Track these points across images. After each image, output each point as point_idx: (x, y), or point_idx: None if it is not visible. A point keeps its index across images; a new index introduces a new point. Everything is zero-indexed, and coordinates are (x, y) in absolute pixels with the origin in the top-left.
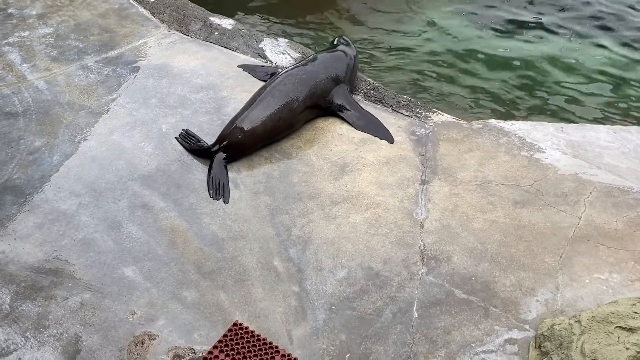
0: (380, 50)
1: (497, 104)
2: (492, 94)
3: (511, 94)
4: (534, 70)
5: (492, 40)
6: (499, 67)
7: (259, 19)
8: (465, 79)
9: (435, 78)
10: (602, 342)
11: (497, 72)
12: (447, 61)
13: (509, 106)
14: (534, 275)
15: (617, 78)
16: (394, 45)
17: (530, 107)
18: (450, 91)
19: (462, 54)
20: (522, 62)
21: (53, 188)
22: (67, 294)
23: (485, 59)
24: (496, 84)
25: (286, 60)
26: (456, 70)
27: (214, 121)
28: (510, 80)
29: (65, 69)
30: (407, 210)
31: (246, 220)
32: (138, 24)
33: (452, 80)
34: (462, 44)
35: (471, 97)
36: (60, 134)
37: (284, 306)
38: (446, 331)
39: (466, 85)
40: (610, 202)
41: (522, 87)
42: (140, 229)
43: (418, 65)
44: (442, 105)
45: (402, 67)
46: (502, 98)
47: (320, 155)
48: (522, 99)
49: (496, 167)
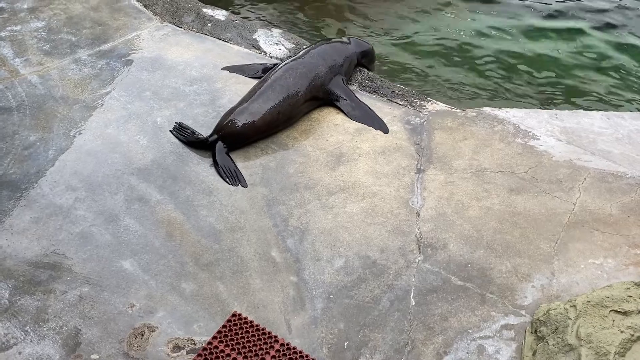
0: (374, 39)
1: (491, 92)
2: (486, 82)
3: (505, 83)
4: (528, 59)
5: (486, 30)
6: (493, 56)
7: (253, 9)
8: (459, 69)
9: (429, 67)
10: (597, 326)
11: (491, 62)
12: (441, 51)
13: (503, 94)
14: (530, 261)
15: (610, 66)
16: (388, 34)
17: (524, 95)
18: (445, 80)
19: (456, 44)
20: (517, 53)
21: (49, 182)
22: (65, 287)
23: (479, 48)
24: (490, 73)
25: (280, 50)
26: (450, 59)
27: (209, 113)
28: (504, 69)
29: (58, 63)
30: (403, 199)
31: (243, 212)
32: (131, 17)
33: (446, 70)
34: (456, 35)
35: (465, 86)
36: (55, 129)
37: (282, 296)
38: (443, 318)
39: (460, 74)
40: (605, 188)
41: (516, 76)
42: (137, 222)
43: (413, 54)
44: (437, 94)
45: (397, 55)
46: (496, 86)
47: (316, 145)
48: (516, 87)
49: (491, 155)
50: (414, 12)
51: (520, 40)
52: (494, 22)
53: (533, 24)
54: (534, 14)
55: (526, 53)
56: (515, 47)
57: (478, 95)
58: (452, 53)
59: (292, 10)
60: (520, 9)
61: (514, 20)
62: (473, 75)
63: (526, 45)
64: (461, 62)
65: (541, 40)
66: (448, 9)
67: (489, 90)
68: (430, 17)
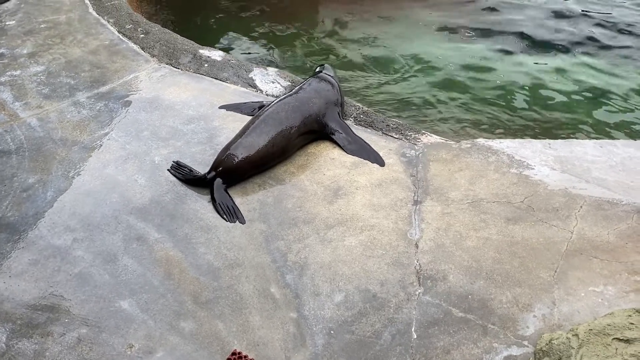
0: (366, 75)
1: (483, 124)
2: (479, 114)
3: (497, 114)
4: (520, 90)
5: (475, 62)
6: (483, 88)
7: (249, 50)
8: (451, 100)
9: (421, 100)
10: (600, 355)
11: (483, 93)
12: (432, 83)
13: (496, 125)
14: (530, 290)
15: (599, 94)
16: (379, 68)
17: (518, 126)
18: (438, 112)
19: (446, 77)
20: (508, 82)
21: (47, 224)
22: (63, 329)
23: (469, 80)
24: (482, 105)
25: (276, 88)
26: (442, 91)
27: (207, 151)
28: (496, 100)
29: (57, 105)
30: (402, 231)
31: (241, 248)
32: (129, 59)
33: (438, 102)
34: (446, 67)
35: (457, 118)
36: (53, 170)
37: (282, 333)
38: (445, 351)
39: (453, 106)
40: (601, 215)
41: (509, 106)
42: (135, 261)
43: (404, 88)
44: (430, 126)
45: (388, 90)
46: (488, 118)
47: (313, 180)
48: (508, 118)
49: (487, 185)
50: (403, 47)
51: (510, 71)
52: (483, 54)
53: (521, 54)
54: (520, 44)
55: (516, 84)
56: (505, 78)
57: (471, 127)
58: (443, 86)
59: (287, 50)
60: (507, 40)
61: (501, 52)
62: (465, 108)
63: (516, 76)
64: (452, 94)
65: (530, 71)
66: (438, 44)
67: (481, 121)
68: (420, 50)
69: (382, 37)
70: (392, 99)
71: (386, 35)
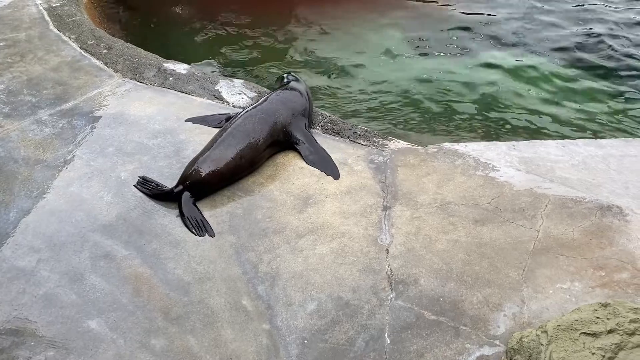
0: (334, 83)
1: (449, 128)
2: (443, 118)
3: (462, 117)
4: (483, 92)
5: (438, 65)
6: (448, 91)
7: (214, 62)
8: (417, 107)
9: (389, 107)
10: (569, 350)
11: (447, 97)
12: (397, 89)
13: (462, 129)
14: (500, 290)
15: (561, 95)
16: (346, 77)
17: (482, 128)
18: (404, 118)
19: (410, 81)
20: (470, 85)
21: (11, 246)
22: (29, 353)
23: (434, 84)
24: (447, 109)
25: (243, 100)
26: (407, 97)
27: (174, 165)
28: (461, 103)
29: (18, 124)
30: (372, 237)
31: (211, 262)
32: (92, 75)
33: (404, 107)
34: (410, 71)
35: (425, 123)
36: (16, 190)
37: (255, 345)
38: (419, 354)
39: (419, 113)
40: (566, 213)
41: (473, 110)
42: (103, 279)
43: (369, 94)
44: (397, 133)
45: (356, 98)
46: (453, 121)
47: (282, 189)
48: (473, 122)
49: (454, 188)
50: (368, 55)
51: (473, 76)
52: (445, 60)
53: (485, 59)
54: (485, 48)
55: (480, 88)
56: (469, 82)
57: (437, 132)
58: (408, 93)
59: (253, 62)
60: (471, 44)
61: (466, 56)
62: (431, 114)
63: (479, 80)
64: (417, 100)
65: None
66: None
67: (447, 126)
68: (384, 57)
69: (350, 47)
70: (360, 107)
71: (354, 45)
